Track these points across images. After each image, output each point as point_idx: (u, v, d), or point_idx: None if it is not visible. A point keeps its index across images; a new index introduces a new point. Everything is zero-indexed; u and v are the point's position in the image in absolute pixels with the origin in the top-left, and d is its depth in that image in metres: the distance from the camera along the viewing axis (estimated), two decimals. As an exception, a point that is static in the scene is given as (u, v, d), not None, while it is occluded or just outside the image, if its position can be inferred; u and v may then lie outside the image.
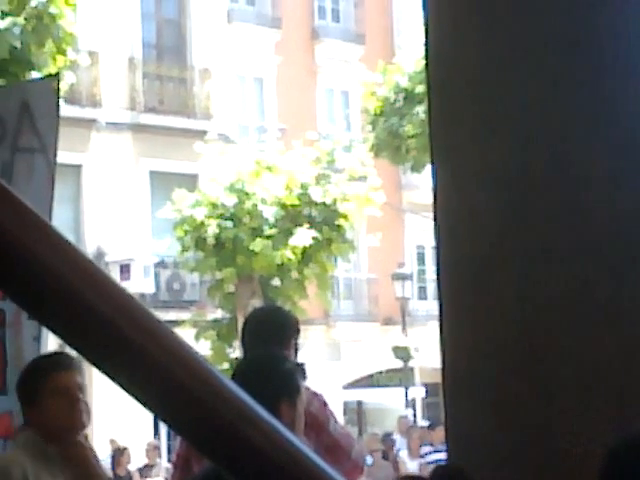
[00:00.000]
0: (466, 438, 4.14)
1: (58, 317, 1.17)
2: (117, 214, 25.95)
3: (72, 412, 4.67)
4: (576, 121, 3.98)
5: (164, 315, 25.09)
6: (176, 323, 22.28)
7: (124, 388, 1.21)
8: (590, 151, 3.95)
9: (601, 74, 3.96)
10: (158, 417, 1.49)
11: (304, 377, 4.89)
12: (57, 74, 7.03)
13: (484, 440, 3.99)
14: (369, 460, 14.78)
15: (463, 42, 4.07)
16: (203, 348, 21.16)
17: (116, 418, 22.93)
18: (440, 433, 15.72)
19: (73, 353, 1.61)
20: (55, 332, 1.19)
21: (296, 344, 5.37)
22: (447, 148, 4.17)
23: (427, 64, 4.28)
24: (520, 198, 4.00)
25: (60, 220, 22.24)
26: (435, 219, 4.18)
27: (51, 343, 5.63)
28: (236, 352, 13.37)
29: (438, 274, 4.24)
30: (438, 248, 4.21)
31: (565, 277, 3.91)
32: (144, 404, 1.28)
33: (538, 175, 3.94)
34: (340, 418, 21.52)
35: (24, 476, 4.64)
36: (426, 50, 4.27)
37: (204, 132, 25.55)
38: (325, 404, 5.57)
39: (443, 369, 4.20)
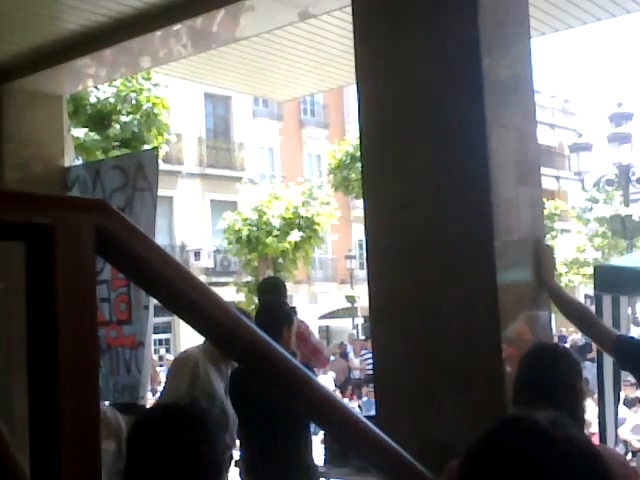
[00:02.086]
0: (385, 346, 4.22)
1: (160, 291, 1.23)
2: (193, 224, 29.02)
3: None
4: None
5: (219, 279, 27.23)
6: (225, 284, 25.59)
7: (191, 324, 1.35)
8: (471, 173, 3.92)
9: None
10: (208, 337, 1.91)
11: (295, 313, 5.54)
12: (157, 147, 7.82)
13: (393, 346, 4.14)
14: (332, 358, 16.51)
15: (381, 122, 4.27)
16: (240, 298, 23.80)
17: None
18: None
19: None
20: (157, 298, 1.31)
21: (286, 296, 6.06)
22: (372, 187, 4.37)
23: (360, 138, 4.43)
24: (415, 220, 4.07)
25: (160, 227, 23.88)
26: (365, 227, 4.32)
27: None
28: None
29: (367, 255, 4.37)
30: (367, 242, 4.32)
31: (441, 259, 3.96)
32: (200, 332, 1.52)
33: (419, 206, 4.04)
34: (316, 335, 25.33)
35: (197, 365, 5.05)
36: (360, 129, 4.38)
37: (240, 178, 30.50)
38: (308, 327, 6.18)
39: (370, 304, 4.34)
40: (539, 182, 4.31)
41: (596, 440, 5.89)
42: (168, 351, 25.94)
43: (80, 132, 15.03)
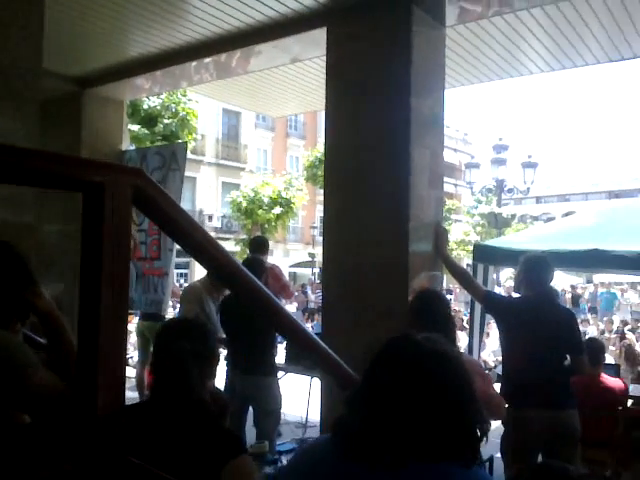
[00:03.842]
0: (329, 288, 4.24)
1: (179, 236, 1.18)
2: (209, 197, 28.55)
3: None
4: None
5: (224, 236, 26.71)
6: (228, 239, 25.11)
7: (199, 261, 1.34)
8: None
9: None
10: (211, 272, 1.75)
11: (271, 265, 5.54)
12: (187, 142, 7.78)
13: (335, 289, 4.14)
14: (296, 293, 16.29)
15: (339, 139, 4.22)
16: (236, 249, 23.47)
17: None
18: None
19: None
20: (176, 241, 1.30)
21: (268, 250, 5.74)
22: (329, 182, 4.28)
23: (325, 149, 4.35)
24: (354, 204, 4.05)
25: (186, 197, 24.95)
26: (324, 208, 4.25)
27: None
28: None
29: (323, 228, 4.35)
30: (324, 219, 4.32)
31: (372, 234, 3.92)
32: (206, 268, 1.68)
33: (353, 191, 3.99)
34: (286, 277, 25.60)
35: (202, 295, 4.90)
36: (325, 142, 4.33)
37: (243, 168, 29.89)
38: (280, 269, 5.97)
39: (323, 260, 4.36)
40: (442, 186, 4.32)
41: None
42: (185, 281, 25.80)
43: (135, 127, 14.85)
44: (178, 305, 5.71)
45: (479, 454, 1.15)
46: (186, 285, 4.71)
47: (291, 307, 15.60)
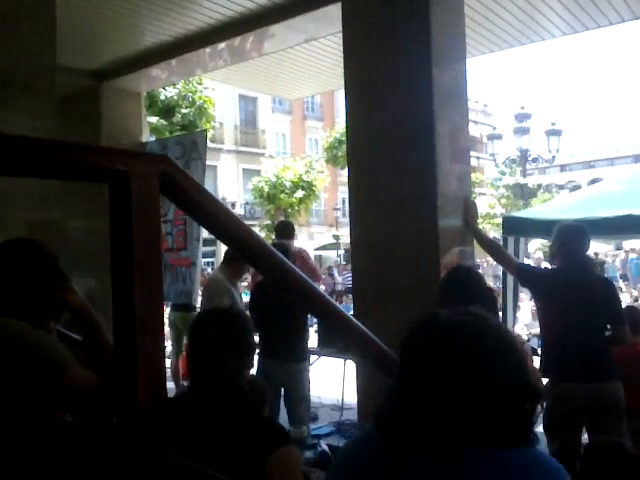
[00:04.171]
0: (359, 270, 4.20)
1: (207, 221, 1.15)
2: (230, 184, 28.35)
3: None
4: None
5: (248, 222, 27.98)
6: (252, 226, 26.18)
7: (228, 245, 1.37)
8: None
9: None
10: (241, 256, 1.90)
11: (298, 249, 5.55)
12: (206, 130, 7.79)
13: (365, 271, 4.10)
14: (323, 276, 15.88)
15: (361, 116, 4.14)
16: (261, 235, 24.14)
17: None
18: (350, 266, 18.23)
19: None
20: (204, 226, 1.30)
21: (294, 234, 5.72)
22: (353, 162, 4.24)
23: (347, 127, 4.29)
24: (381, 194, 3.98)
25: (207, 186, 25.10)
26: (349, 189, 4.20)
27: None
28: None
29: (350, 208, 4.30)
30: (350, 200, 4.24)
31: (400, 211, 3.85)
32: (235, 251, 1.73)
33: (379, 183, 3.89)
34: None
35: (227, 285, 4.84)
36: (346, 121, 4.26)
37: (263, 154, 29.54)
38: (308, 253, 5.93)
39: (350, 242, 4.30)
40: (468, 160, 4.23)
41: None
42: (213, 270, 26.10)
43: (153, 119, 14.87)
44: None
45: (533, 432, 1.08)
46: (209, 277, 4.60)
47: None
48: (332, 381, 6.67)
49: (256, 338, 4.65)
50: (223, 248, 6.33)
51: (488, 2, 4.53)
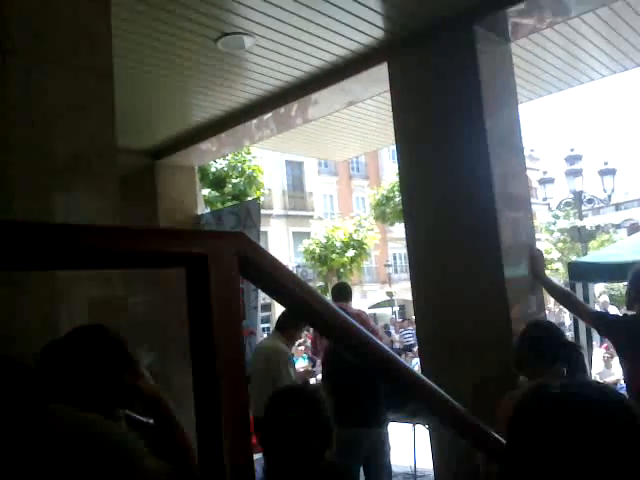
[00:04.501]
0: (423, 326, 4.15)
1: (285, 297, 1.08)
2: (281, 249, 28.39)
3: None
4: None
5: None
6: None
7: (304, 318, 1.46)
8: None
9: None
10: (316, 327, 1.45)
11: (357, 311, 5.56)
12: (258, 198, 8.02)
13: (429, 326, 4.04)
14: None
15: (414, 169, 4.07)
16: None
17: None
18: (406, 323, 17.90)
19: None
20: (282, 303, 1.16)
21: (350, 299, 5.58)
22: (409, 215, 4.16)
23: (400, 182, 4.32)
24: (437, 228, 3.92)
25: None
26: (407, 241, 4.12)
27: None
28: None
29: (409, 263, 4.15)
30: (409, 254, 4.13)
31: (462, 265, 3.76)
32: (311, 323, 1.51)
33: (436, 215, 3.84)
34: None
35: (288, 353, 4.65)
36: (399, 175, 4.30)
37: (311, 216, 30.01)
38: (367, 314, 5.91)
39: (413, 298, 4.14)
40: (530, 207, 4.12)
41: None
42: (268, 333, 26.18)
43: (205, 191, 15.29)
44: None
45: None
46: (265, 345, 4.43)
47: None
48: (402, 447, 6.40)
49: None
50: (278, 312, 6.31)
51: (533, 48, 4.50)
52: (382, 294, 31.91)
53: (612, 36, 4.49)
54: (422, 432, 5.42)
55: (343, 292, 5.63)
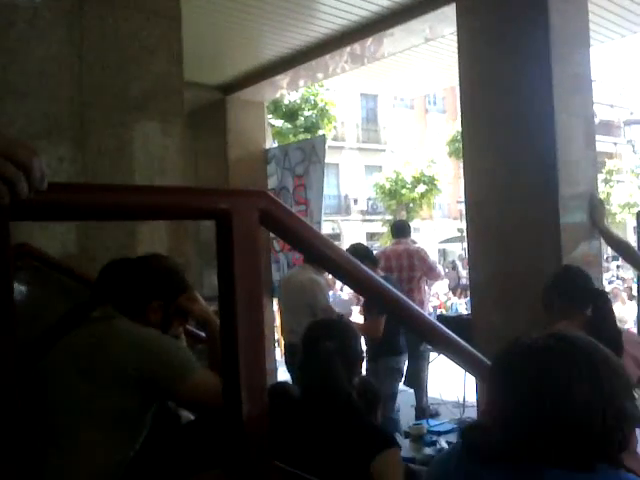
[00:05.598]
0: (477, 268, 4.10)
1: (303, 247, 1.18)
2: (353, 181, 28.35)
3: None
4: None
5: (370, 217, 27.33)
6: (374, 221, 25.87)
7: (324, 267, 1.41)
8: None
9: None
10: (335, 276, 1.67)
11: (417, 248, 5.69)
12: (324, 135, 8.04)
13: (483, 269, 4.03)
14: (446, 270, 15.91)
15: (476, 112, 4.09)
16: (383, 230, 23.51)
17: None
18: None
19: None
20: (301, 252, 1.27)
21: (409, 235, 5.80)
22: (468, 156, 4.16)
23: (462, 122, 4.21)
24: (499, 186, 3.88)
25: (330, 184, 25.04)
26: (464, 185, 4.14)
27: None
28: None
29: (465, 206, 4.19)
30: (465, 197, 4.16)
31: (519, 207, 3.75)
32: (329, 272, 1.59)
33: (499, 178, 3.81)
34: (435, 255, 24.95)
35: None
36: (461, 115, 4.24)
37: (384, 150, 29.30)
38: (426, 251, 5.86)
39: (468, 240, 4.24)
40: (594, 153, 3.99)
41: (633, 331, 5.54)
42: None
43: (278, 123, 15.40)
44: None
45: (620, 459, 1.05)
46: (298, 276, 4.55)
47: (443, 284, 15.29)
48: (454, 378, 6.59)
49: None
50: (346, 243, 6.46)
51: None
52: (453, 230, 31.39)
53: None
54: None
55: (401, 229, 5.79)
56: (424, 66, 6.26)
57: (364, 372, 4.38)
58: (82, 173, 2.52)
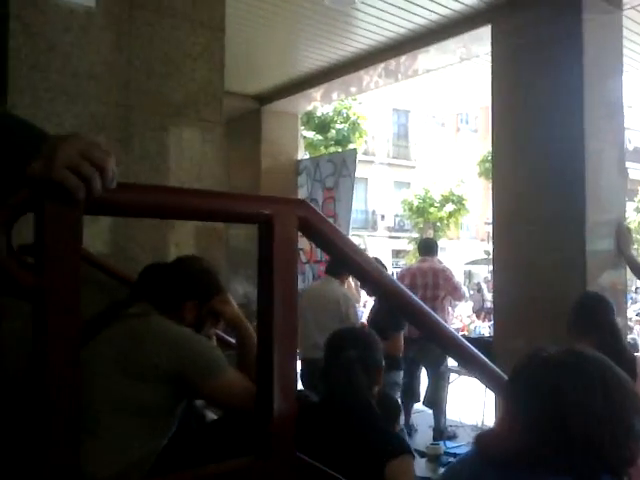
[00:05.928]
0: (501, 291, 4.15)
1: (337, 254, 1.28)
2: (381, 196, 28.26)
3: None
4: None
5: (397, 234, 27.03)
6: (401, 238, 25.55)
7: (354, 275, 1.35)
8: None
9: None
10: (363, 283, 1.47)
11: (442, 267, 5.60)
12: (355, 149, 8.15)
13: (508, 291, 4.08)
14: (471, 292, 15.83)
15: (508, 133, 4.15)
16: (409, 248, 23.40)
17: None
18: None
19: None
20: (335, 258, 1.24)
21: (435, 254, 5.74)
22: (498, 177, 4.26)
23: (492, 142, 4.30)
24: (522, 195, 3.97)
25: (359, 198, 24.19)
26: (493, 205, 4.29)
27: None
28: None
29: (492, 227, 4.34)
30: (493, 218, 4.29)
31: (547, 231, 3.80)
32: (359, 279, 1.56)
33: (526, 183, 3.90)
34: (461, 276, 23.91)
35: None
36: (492, 135, 4.30)
37: (414, 167, 29.21)
38: (451, 271, 5.82)
39: (493, 261, 4.36)
40: (624, 180, 4.07)
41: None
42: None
43: (310, 134, 15.53)
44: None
45: (625, 474, 1.09)
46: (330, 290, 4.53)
47: (467, 306, 15.23)
48: (473, 401, 6.55)
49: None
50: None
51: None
52: (480, 252, 31.05)
53: None
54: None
55: (428, 247, 5.80)
56: (458, 85, 6.31)
57: None
58: (124, 175, 2.61)
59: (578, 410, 1.04)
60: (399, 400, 4.45)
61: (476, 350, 1.48)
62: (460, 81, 6.24)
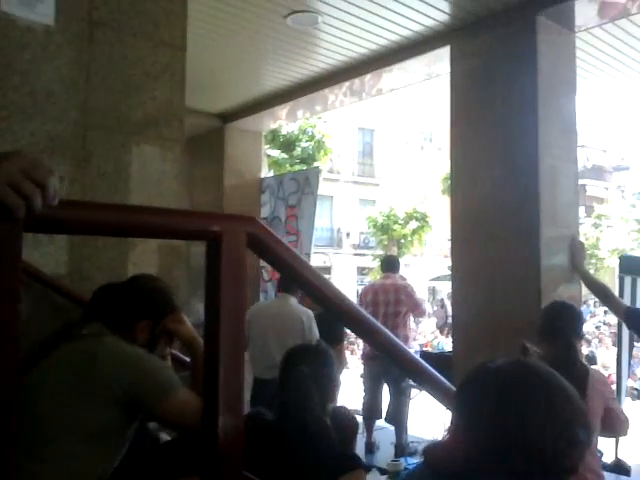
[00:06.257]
0: (461, 305, 4.20)
1: (286, 271, 1.24)
2: (346, 214, 28.29)
3: None
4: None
5: (361, 252, 27.13)
6: (365, 255, 25.65)
7: (304, 290, 1.46)
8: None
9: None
10: (314, 300, 1.51)
11: (404, 284, 5.65)
12: (318, 167, 8.22)
13: (466, 306, 4.12)
14: (435, 308, 16.19)
15: (466, 152, 4.20)
16: (374, 265, 23.27)
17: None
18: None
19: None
20: (283, 275, 1.58)
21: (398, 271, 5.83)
22: (455, 198, 4.24)
23: (450, 161, 4.36)
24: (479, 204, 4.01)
25: (323, 216, 24.73)
26: (451, 223, 4.29)
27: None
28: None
29: (451, 243, 4.30)
30: (451, 234, 4.29)
31: (502, 248, 3.85)
32: (309, 295, 1.54)
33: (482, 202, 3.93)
34: (425, 292, 24.82)
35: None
36: (450, 154, 4.35)
37: (378, 184, 28.91)
38: (413, 288, 5.86)
39: (452, 278, 4.33)
40: (576, 197, 4.13)
41: (613, 378, 5.61)
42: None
43: (275, 152, 15.56)
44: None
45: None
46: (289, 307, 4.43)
47: (430, 322, 15.35)
48: (434, 417, 6.58)
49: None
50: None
51: (607, 37, 4.42)
52: (444, 268, 31.43)
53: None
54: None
55: (390, 264, 5.87)
56: (422, 103, 6.45)
57: None
58: (81, 193, 2.59)
59: (522, 421, 1.05)
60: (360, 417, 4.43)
61: (429, 366, 1.49)
62: (424, 100, 6.40)
